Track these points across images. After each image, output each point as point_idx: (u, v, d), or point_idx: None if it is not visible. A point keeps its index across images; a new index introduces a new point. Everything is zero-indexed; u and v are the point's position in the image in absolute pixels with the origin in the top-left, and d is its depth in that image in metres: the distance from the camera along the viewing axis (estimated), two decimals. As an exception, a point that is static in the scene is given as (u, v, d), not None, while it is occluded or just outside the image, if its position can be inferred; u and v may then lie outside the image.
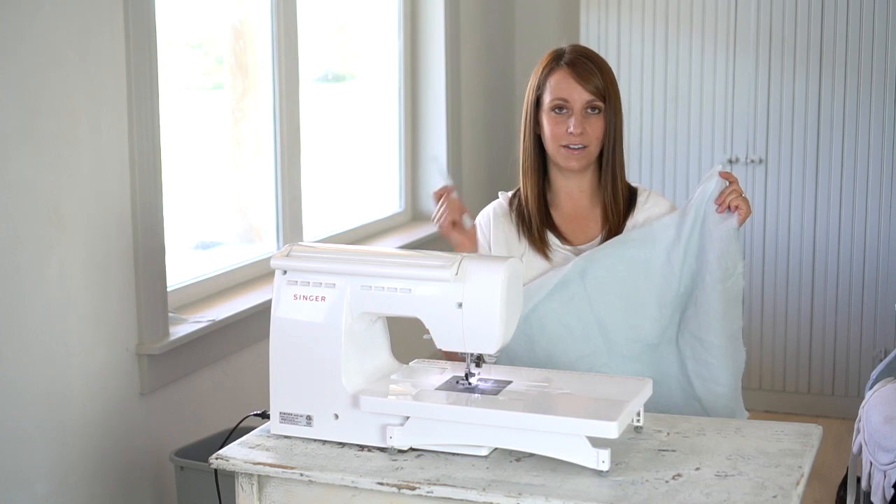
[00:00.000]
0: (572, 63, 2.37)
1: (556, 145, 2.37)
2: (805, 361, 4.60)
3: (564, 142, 2.36)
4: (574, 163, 2.37)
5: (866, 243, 4.47)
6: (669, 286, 2.29)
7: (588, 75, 2.35)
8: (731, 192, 2.24)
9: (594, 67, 2.37)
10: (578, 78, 2.35)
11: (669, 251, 2.29)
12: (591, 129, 2.36)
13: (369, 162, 4.64)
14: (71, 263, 2.65)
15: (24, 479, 2.54)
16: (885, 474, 2.83)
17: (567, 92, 2.35)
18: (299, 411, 1.97)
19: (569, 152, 2.36)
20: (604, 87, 2.36)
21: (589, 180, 2.43)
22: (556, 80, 2.37)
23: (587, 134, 2.35)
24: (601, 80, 2.36)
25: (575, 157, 2.37)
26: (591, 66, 2.36)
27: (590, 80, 2.35)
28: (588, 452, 1.78)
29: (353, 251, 2.02)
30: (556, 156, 2.38)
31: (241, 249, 3.67)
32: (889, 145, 4.38)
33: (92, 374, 2.73)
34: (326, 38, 4.30)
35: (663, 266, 2.29)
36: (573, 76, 2.35)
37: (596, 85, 2.35)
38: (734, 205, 2.23)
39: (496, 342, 1.90)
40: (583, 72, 2.35)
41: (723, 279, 2.23)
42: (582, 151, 2.36)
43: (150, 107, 2.88)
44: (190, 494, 2.76)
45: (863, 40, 4.36)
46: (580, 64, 2.36)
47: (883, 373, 3.29)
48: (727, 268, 2.23)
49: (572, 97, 2.35)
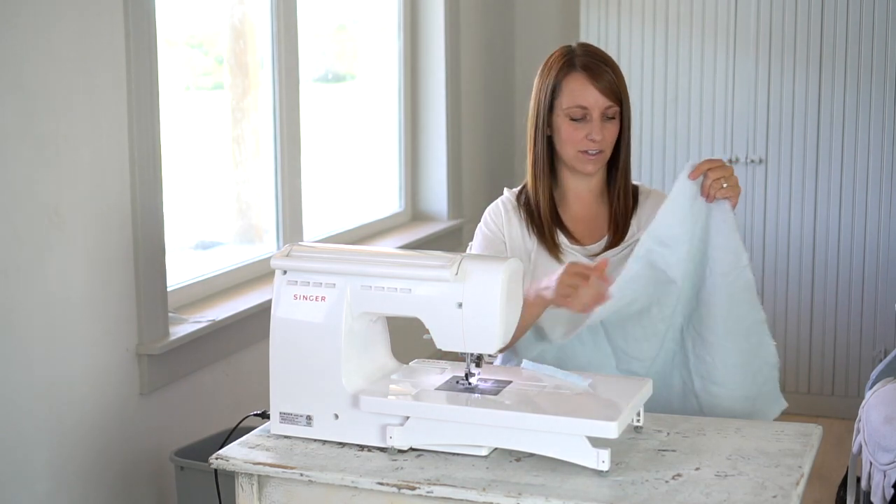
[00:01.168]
0: (588, 67, 2.33)
1: (574, 151, 2.35)
2: (805, 361, 4.60)
3: (583, 147, 2.34)
4: (591, 167, 2.36)
5: (866, 243, 4.47)
6: (675, 297, 2.23)
7: (605, 79, 2.33)
8: (713, 182, 2.15)
9: (608, 69, 2.35)
10: (596, 83, 2.32)
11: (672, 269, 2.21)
12: (608, 134, 2.35)
13: (369, 162, 4.64)
14: (71, 263, 2.65)
15: (24, 479, 2.54)
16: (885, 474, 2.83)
17: (585, 98, 2.33)
18: (299, 411, 1.97)
19: (586, 157, 2.35)
20: (619, 90, 2.35)
21: (598, 180, 2.43)
22: (573, 85, 2.34)
23: (604, 140, 2.34)
24: (616, 83, 2.34)
25: (591, 161, 2.36)
26: (606, 69, 2.34)
27: (607, 84, 2.33)
28: (588, 452, 1.78)
29: (353, 251, 2.02)
30: (573, 160, 2.36)
31: (241, 249, 3.67)
32: (889, 145, 4.38)
33: (92, 374, 2.73)
34: (326, 38, 4.30)
35: (671, 286, 2.22)
36: (591, 81, 2.33)
37: (612, 89, 2.33)
38: (721, 195, 2.15)
39: (496, 342, 1.90)
40: (600, 76, 2.33)
41: (724, 272, 2.17)
42: (599, 156, 2.36)
43: (150, 107, 2.88)
44: (190, 494, 2.76)
45: (863, 40, 4.36)
46: (596, 68, 2.33)
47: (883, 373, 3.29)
48: (726, 260, 2.16)
49: (591, 104, 2.33)
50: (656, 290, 2.21)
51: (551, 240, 2.39)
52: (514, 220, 2.43)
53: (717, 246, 2.18)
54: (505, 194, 2.48)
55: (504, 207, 2.46)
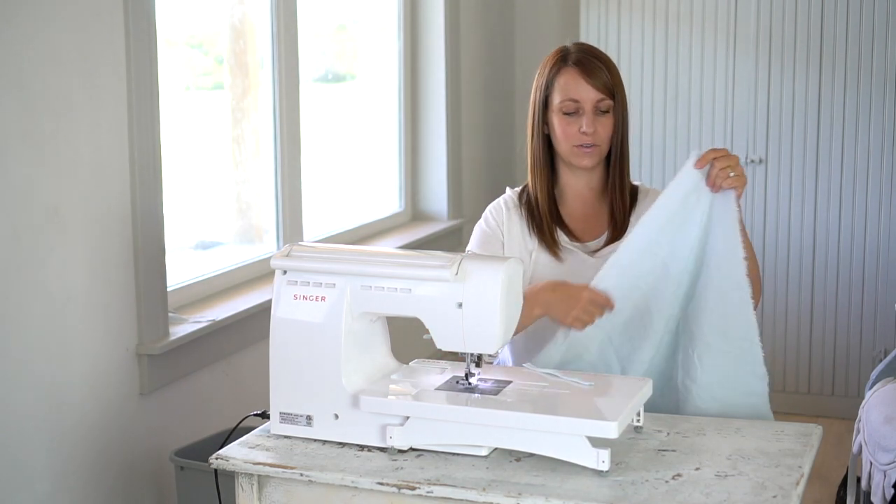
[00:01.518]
0: (580, 62, 2.37)
1: (569, 145, 2.37)
2: (805, 361, 4.60)
3: (577, 142, 2.36)
4: (587, 161, 2.38)
5: (866, 243, 4.47)
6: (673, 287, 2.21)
7: (596, 73, 2.36)
8: (719, 171, 2.15)
9: (601, 65, 2.37)
10: (587, 77, 2.35)
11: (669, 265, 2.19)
12: (602, 128, 2.37)
13: (369, 162, 4.64)
14: (71, 263, 2.65)
15: (24, 479, 2.54)
16: (885, 474, 2.83)
17: (577, 92, 2.36)
18: (299, 411, 1.97)
19: (581, 151, 2.37)
20: (612, 85, 2.37)
21: (597, 178, 2.44)
22: (565, 80, 2.37)
23: (598, 133, 2.36)
24: (609, 79, 2.37)
25: (588, 155, 2.37)
26: (598, 65, 2.37)
27: (599, 78, 2.35)
28: (588, 452, 1.78)
29: (353, 251, 2.02)
30: (569, 155, 2.39)
31: (241, 249, 3.67)
32: (889, 145, 4.38)
33: (92, 374, 2.73)
34: (326, 38, 4.30)
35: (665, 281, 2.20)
36: (582, 76, 2.36)
37: (605, 83, 2.36)
38: (727, 184, 2.15)
39: (496, 342, 1.90)
40: (590, 70, 2.36)
41: (718, 265, 2.14)
42: (594, 149, 2.37)
43: (150, 107, 2.88)
44: (190, 494, 2.76)
45: (863, 40, 4.36)
46: (588, 63, 2.36)
47: (883, 373, 3.29)
48: (723, 254, 2.13)
49: (582, 97, 2.35)
50: (653, 279, 2.20)
51: (551, 237, 2.40)
52: (515, 219, 2.44)
53: (716, 236, 2.16)
54: (507, 193, 2.50)
55: (506, 206, 2.47)
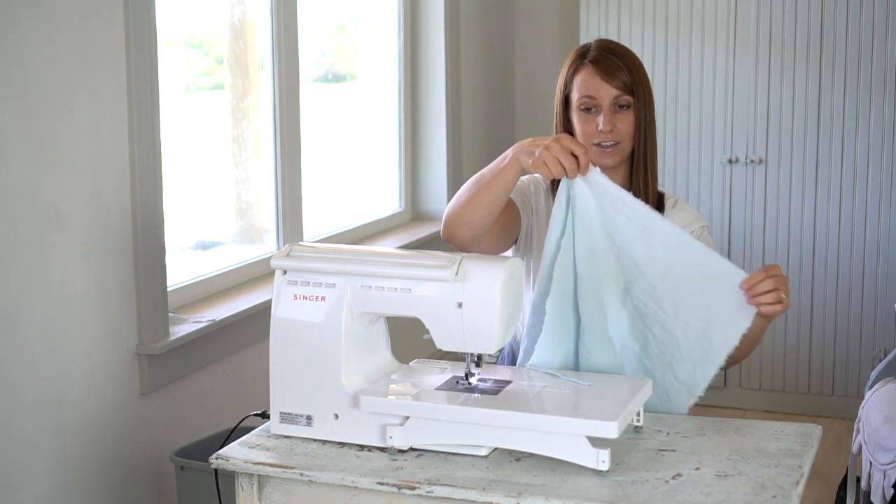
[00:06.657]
0: (596, 60, 2.35)
1: (588, 144, 2.34)
2: (805, 361, 4.60)
3: (596, 140, 2.34)
4: (608, 159, 2.35)
5: (866, 243, 4.47)
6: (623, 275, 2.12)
7: (613, 71, 2.33)
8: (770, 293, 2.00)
9: (619, 62, 2.35)
10: (603, 74, 2.33)
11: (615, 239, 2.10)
12: (622, 124, 2.34)
13: (369, 162, 4.64)
14: (71, 263, 2.65)
15: (24, 479, 2.54)
16: (885, 474, 2.83)
17: (593, 89, 2.34)
18: (299, 411, 1.97)
19: (601, 150, 2.35)
20: (631, 81, 2.34)
21: (621, 178, 2.40)
22: (582, 78, 2.36)
23: (618, 130, 2.34)
24: (627, 75, 2.34)
25: (608, 154, 2.35)
26: (616, 62, 2.35)
27: (615, 75, 2.33)
28: (588, 452, 1.78)
29: (353, 251, 2.02)
30: (589, 154, 2.36)
31: (241, 249, 3.67)
32: (889, 145, 4.38)
33: (92, 374, 2.73)
34: (326, 38, 4.30)
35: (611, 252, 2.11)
36: (598, 73, 2.34)
37: (622, 80, 2.33)
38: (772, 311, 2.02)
39: (496, 342, 1.90)
40: (608, 68, 2.34)
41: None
42: (614, 148, 2.35)
43: (150, 107, 2.88)
44: (190, 494, 2.76)
45: (863, 40, 4.36)
46: (604, 60, 2.35)
47: (883, 373, 3.30)
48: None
49: (599, 94, 2.34)
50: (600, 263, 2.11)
51: None
52: (542, 199, 2.43)
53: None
54: (537, 175, 2.38)
55: (538, 184, 2.44)
